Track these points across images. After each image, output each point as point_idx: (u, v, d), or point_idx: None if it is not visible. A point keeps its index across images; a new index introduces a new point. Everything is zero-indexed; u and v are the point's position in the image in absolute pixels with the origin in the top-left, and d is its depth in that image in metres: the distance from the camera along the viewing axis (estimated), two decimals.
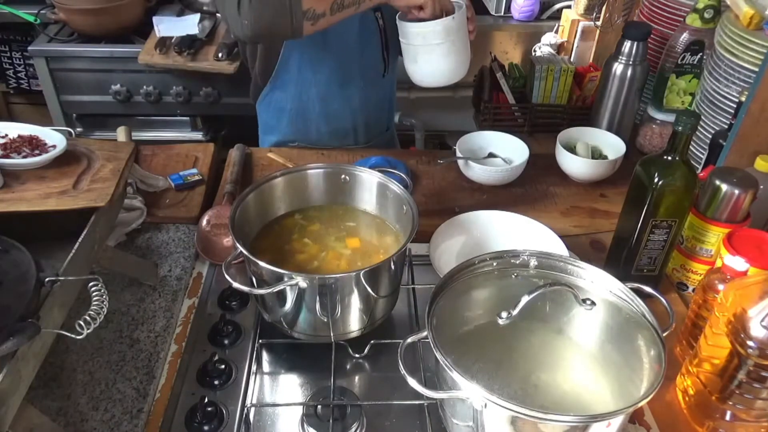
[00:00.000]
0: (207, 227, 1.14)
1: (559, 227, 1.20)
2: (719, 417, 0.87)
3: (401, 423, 0.90)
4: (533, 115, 1.72)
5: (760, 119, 1.11)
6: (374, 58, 1.48)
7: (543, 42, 2.08)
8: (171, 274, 1.11)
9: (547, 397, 0.76)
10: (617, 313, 0.84)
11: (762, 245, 0.96)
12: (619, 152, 1.39)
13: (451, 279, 0.87)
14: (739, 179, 1.00)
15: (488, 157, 1.43)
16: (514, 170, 1.36)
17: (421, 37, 1.21)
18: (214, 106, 2.23)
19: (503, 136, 1.44)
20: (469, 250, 1.16)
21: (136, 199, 1.21)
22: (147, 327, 1.00)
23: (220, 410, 0.88)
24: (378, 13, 1.42)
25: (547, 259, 0.89)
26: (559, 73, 1.65)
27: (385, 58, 1.49)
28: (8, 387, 0.68)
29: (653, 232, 1.02)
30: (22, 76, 2.67)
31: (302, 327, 0.95)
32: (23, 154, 0.97)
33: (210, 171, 1.38)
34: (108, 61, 2.14)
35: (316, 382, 0.95)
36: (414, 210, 0.97)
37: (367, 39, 1.43)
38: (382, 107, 1.61)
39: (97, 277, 0.78)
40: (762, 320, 0.78)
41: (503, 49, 2.55)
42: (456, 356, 0.73)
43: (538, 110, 1.73)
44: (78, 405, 0.88)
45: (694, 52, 1.44)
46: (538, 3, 2.39)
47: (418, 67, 1.25)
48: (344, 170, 1.09)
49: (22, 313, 0.70)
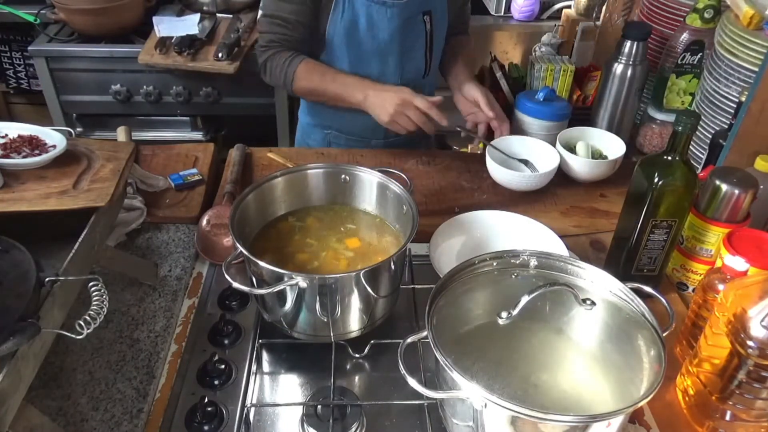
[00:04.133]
0: (207, 227, 1.14)
1: (559, 227, 1.20)
2: (719, 417, 0.87)
3: (401, 423, 0.90)
4: None
5: (760, 119, 1.11)
6: (417, 59, 1.49)
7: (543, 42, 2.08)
8: (171, 274, 1.11)
9: (547, 397, 0.76)
10: (617, 313, 0.84)
11: (762, 245, 0.96)
12: (619, 152, 1.39)
13: (451, 279, 0.87)
14: (739, 179, 1.00)
15: (514, 159, 1.41)
16: (540, 178, 1.33)
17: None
18: (214, 106, 2.23)
19: (537, 143, 1.42)
20: (469, 250, 1.16)
21: (136, 199, 1.21)
22: (147, 327, 1.00)
23: (220, 410, 0.88)
24: (426, 17, 1.44)
25: (547, 259, 0.90)
26: (559, 73, 1.65)
27: (427, 59, 1.50)
28: (8, 387, 0.68)
29: (653, 232, 1.02)
30: (22, 76, 2.67)
31: (302, 327, 0.95)
32: (23, 154, 0.97)
33: (210, 171, 1.38)
34: (108, 61, 2.14)
35: (316, 382, 0.95)
36: (414, 210, 0.97)
37: (413, 40, 1.45)
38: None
39: (97, 277, 0.78)
40: (762, 320, 0.78)
41: (503, 49, 2.55)
42: (456, 356, 0.73)
43: None
44: (78, 405, 0.88)
45: (694, 52, 1.44)
46: (538, 3, 2.39)
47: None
48: (344, 170, 1.09)
49: (22, 313, 0.70)
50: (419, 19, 1.43)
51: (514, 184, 1.35)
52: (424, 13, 1.43)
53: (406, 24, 1.41)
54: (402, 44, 1.43)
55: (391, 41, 1.42)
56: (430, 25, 1.45)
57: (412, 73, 1.50)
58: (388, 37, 1.41)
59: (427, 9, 1.43)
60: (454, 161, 1.49)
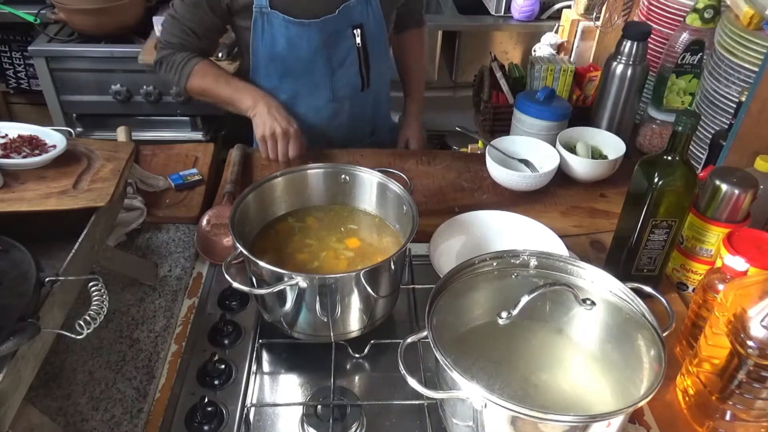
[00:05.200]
0: (207, 227, 1.14)
1: (559, 227, 1.20)
2: (719, 417, 0.87)
3: (401, 423, 0.90)
4: None
5: (760, 119, 1.11)
6: (350, 74, 1.45)
7: (543, 42, 2.08)
8: (171, 274, 1.10)
9: (547, 397, 0.76)
10: (617, 313, 0.84)
11: (762, 245, 0.96)
12: (619, 152, 1.39)
13: (451, 279, 0.87)
14: (739, 179, 1.00)
15: (514, 159, 1.41)
16: (540, 178, 1.33)
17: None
18: (214, 106, 2.23)
19: (537, 143, 1.42)
20: (469, 250, 1.16)
21: (136, 199, 1.21)
22: (147, 327, 1.00)
23: (220, 410, 0.88)
24: (357, 30, 1.39)
25: (547, 259, 0.90)
26: (559, 73, 1.65)
27: (363, 73, 1.46)
28: (8, 387, 0.68)
29: (653, 232, 1.02)
30: (22, 76, 2.67)
31: (302, 327, 0.95)
32: (23, 154, 0.97)
33: (210, 171, 1.38)
34: (108, 61, 2.14)
35: (316, 382, 0.95)
36: (414, 210, 0.97)
37: (342, 56, 1.41)
38: (362, 118, 1.57)
39: (97, 277, 0.78)
40: (762, 320, 0.78)
41: (503, 49, 2.55)
42: (456, 356, 0.73)
43: None
44: (78, 405, 0.88)
45: (694, 52, 1.44)
46: (538, 3, 2.39)
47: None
48: (344, 170, 1.09)
49: (22, 313, 0.70)
50: (347, 33, 1.39)
51: (514, 184, 1.35)
52: (353, 27, 1.38)
53: (330, 40, 1.37)
54: (329, 60, 1.40)
55: (315, 58, 1.38)
56: (360, 39, 1.40)
57: (346, 88, 1.46)
58: (312, 55, 1.38)
59: (357, 22, 1.38)
60: (454, 161, 1.49)
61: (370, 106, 1.57)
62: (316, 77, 1.42)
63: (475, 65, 1.99)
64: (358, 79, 1.47)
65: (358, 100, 1.51)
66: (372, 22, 1.41)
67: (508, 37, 2.53)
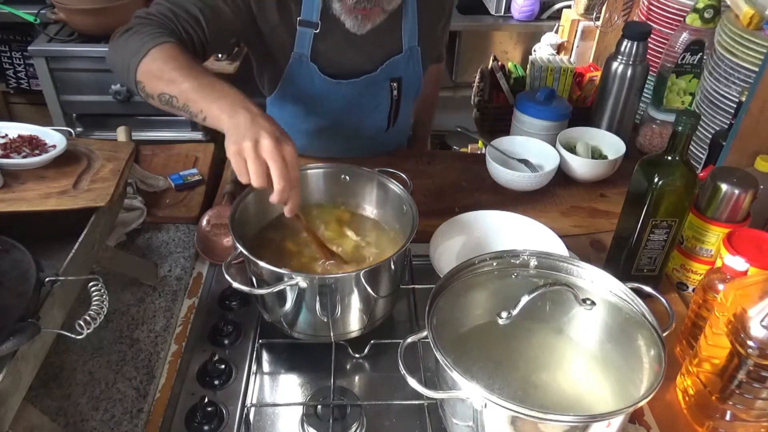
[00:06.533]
0: (207, 227, 1.14)
1: (559, 227, 1.20)
2: (719, 417, 0.87)
3: (401, 423, 0.90)
4: None
5: (760, 119, 1.11)
6: (379, 119, 1.42)
7: (543, 42, 2.08)
8: (171, 274, 1.10)
9: (547, 397, 0.76)
10: (617, 313, 0.84)
11: (762, 245, 0.96)
12: (619, 152, 1.39)
13: (451, 279, 0.87)
14: (739, 179, 1.00)
15: (514, 159, 1.41)
16: (540, 178, 1.33)
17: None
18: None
19: (537, 143, 1.42)
20: (469, 250, 1.16)
21: (136, 199, 1.21)
22: (147, 327, 1.00)
23: (220, 410, 0.88)
24: (395, 84, 1.35)
25: (547, 259, 0.90)
26: (559, 73, 1.65)
27: (390, 118, 1.42)
28: (8, 387, 0.68)
29: (653, 232, 1.02)
30: (22, 76, 2.67)
31: (302, 327, 0.95)
32: (23, 154, 0.97)
33: (210, 171, 1.38)
34: None
35: (316, 382, 0.95)
36: (414, 210, 0.97)
37: (375, 105, 1.38)
38: (379, 150, 1.50)
39: (97, 277, 0.78)
40: (762, 320, 0.78)
41: (503, 49, 2.55)
42: (456, 356, 0.73)
43: None
44: (78, 405, 0.88)
45: (694, 52, 1.44)
46: (538, 3, 2.39)
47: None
48: (344, 170, 1.09)
49: (22, 313, 0.70)
50: (384, 86, 1.35)
51: (514, 184, 1.35)
52: (392, 80, 1.34)
53: (366, 92, 1.33)
54: (360, 108, 1.36)
55: (347, 107, 1.35)
56: (397, 92, 1.36)
57: (371, 129, 1.43)
58: (344, 105, 1.34)
59: (397, 76, 1.34)
60: (454, 161, 1.49)
61: (394, 142, 1.55)
62: (343, 121, 1.39)
63: (475, 65, 1.99)
64: (385, 123, 1.44)
65: (380, 137, 1.48)
66: (411, 75, 1.38)
67: (508, 37, 2.53)
